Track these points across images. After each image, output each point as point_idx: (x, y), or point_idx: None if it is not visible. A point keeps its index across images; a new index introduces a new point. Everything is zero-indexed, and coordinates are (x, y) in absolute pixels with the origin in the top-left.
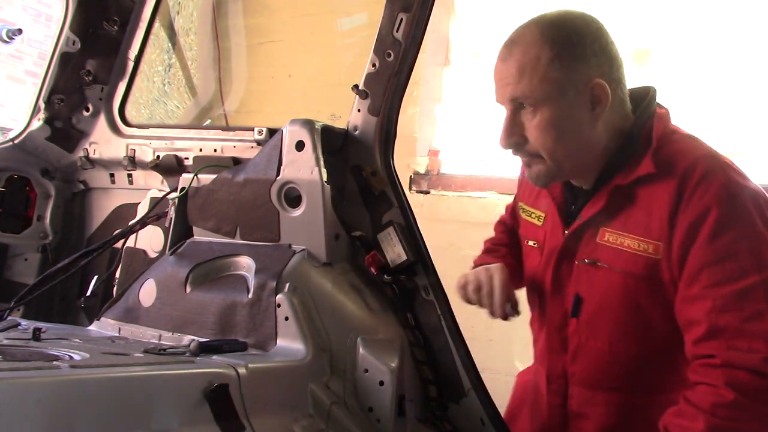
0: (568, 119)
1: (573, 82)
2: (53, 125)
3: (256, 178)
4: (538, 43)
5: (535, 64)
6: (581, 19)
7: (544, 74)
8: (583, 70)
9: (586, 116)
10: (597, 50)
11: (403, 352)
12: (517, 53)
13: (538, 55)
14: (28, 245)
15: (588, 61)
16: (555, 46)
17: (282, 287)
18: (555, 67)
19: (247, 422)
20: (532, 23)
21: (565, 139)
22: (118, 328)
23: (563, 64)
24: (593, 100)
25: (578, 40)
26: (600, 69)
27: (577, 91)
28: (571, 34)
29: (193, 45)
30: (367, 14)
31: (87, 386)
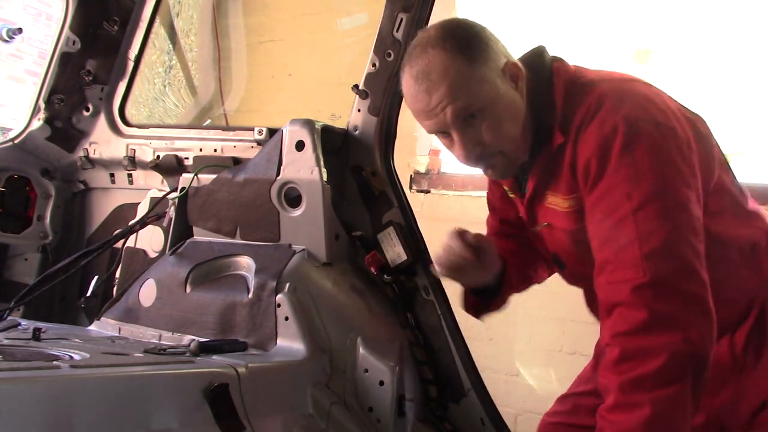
0: (508, 106)
1: (494, 71)
2: (53, 125)
3: (256, 178)
4: (448, 58)
5: (460, 75)
6: (457, 21)
7: (472, 78)
8: (493, 56)
9: (515, 96)
10: (490, 39)
11: (403, 352)
12: (437, 76)
13: (457, 67)
14: (28, 245)
15: (490, 48)
16: (463, 51)
17: (282, 287)
18: (475, 67)
19: (247, 422)
20: (426, 47)
21: (513, 124)
22: (118, 328)
23: (478, 60)
24: (512, 78)
25: (473, 35)
26: (502, 51)
27: (501, 77)
28: (465, 34)
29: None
30: (368, 14)
31: (87, 386)
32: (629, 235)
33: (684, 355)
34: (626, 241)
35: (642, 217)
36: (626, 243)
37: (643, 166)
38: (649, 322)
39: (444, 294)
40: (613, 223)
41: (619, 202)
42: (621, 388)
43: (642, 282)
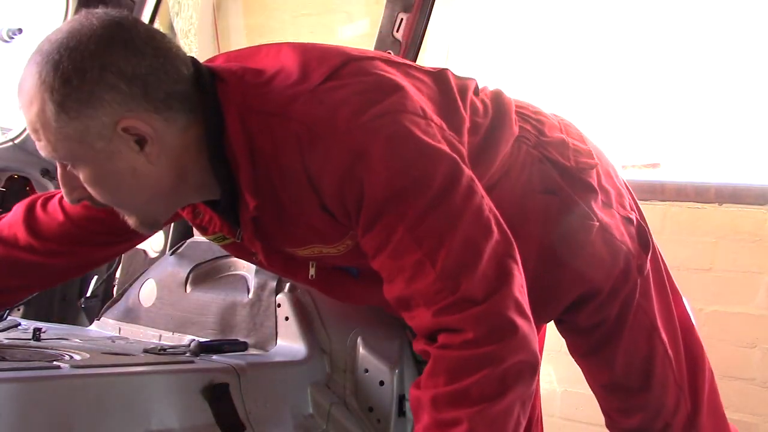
0: (112, 173)
1: (93, 133)
2: None
3: None
4: (39, 92)
5: (45, 121)
6: (85, 43)
7: (57, 132)
8: (100, 115)
9: (137, 161)
10: (113, 83)
11: (403, 352)
12: (25, 104)
13: (44, 109)
14: None
15: (102, 101)
16: (56, 94)
17: (282, 287)
18: (64, 121)
19: (247, 422)
20: (35, 56)
21: (124, 191)
22: (119, 328)
23: (71, 115)
24: (136, 140)
25: (81, 78)
26: (126, 103)
27: (106, 140)
28: (71, 74)
29: (192, 46)
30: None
31: (87, 386)
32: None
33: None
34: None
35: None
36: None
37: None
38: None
39: None
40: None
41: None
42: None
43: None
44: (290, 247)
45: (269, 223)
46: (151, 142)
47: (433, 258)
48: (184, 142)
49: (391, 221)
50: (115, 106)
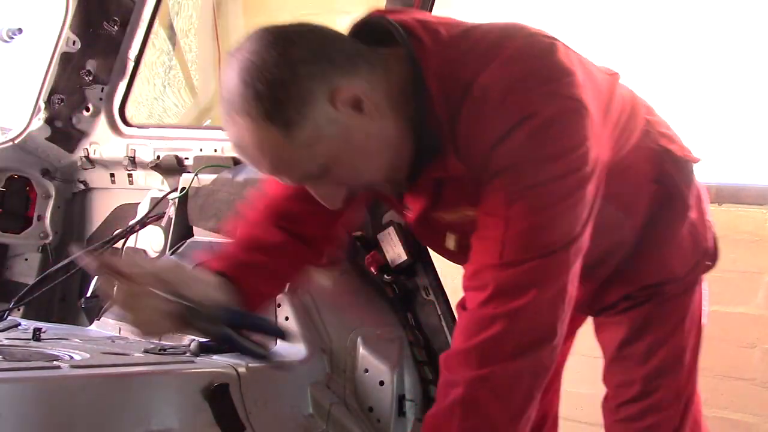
0: (355, 150)
1: (322, 120)
2: (53, 125)
3: (256, 178)
4: (259, 130)
5: (279, 150)
6: (263, 48)
7: (295, 149)
8: (315, 102)
9: (364, 124)
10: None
11: (403, 352)
12: (254, 153)
13: (272, 142)
14: (28, 245)
15: (307, 90)
16: (273, 119)
17: None
18: (295, 134)
19: (247, 422)
20: (231, 111)
21: (372, 159)
22: (119, 328)
23: (297, 123)
24: (354, 107)
25: (282, 85)
26: (325, 80)
27: (332, 121)
28: (272, 89)
29: (192, 46)
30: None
31: (87, 386)
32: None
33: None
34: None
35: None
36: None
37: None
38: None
39: (444, 294)
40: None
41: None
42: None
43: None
44: (444, 210)
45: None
46: (365, 100)
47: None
48: (389, 88)
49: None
50: (322, 88)
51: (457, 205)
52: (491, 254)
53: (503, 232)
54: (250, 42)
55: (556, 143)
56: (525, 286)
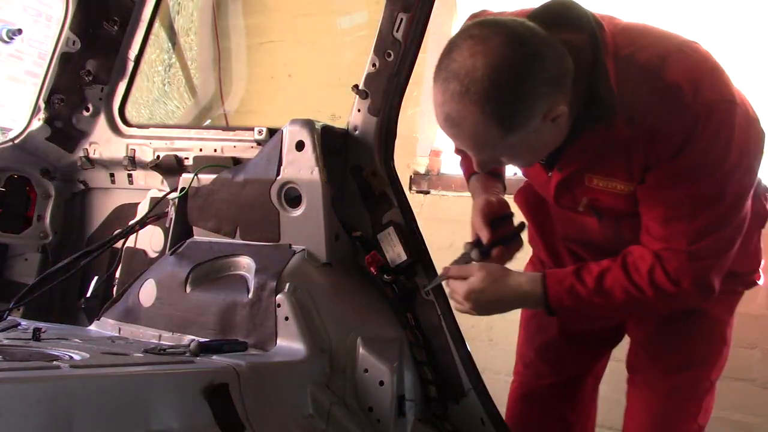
0: (535, 148)
1: (530, 130)
2: (53, 125)
3: (256, 178)
4: (483, 123)
5: (491, 141)
6: (519, 59)
7: (504, 146)
8: (536, 117)
9: (552, 132)
10: (541, 91)
11: (403, 352)
12: (467, 132)
13: (491, 135)
14: (28, 245)
15: (537, 108)
16: (501, 121)
17: (282, 287)
18: (510, 137)
19: (247, 422)
20: (464, 94)
21: (538, 155)
22: (118, 328)
23: (516, 130)
24: (553, 121)
25: (520, 98)
26: (549, 101)
27: (536, 131)
28: (512, 96)
29: (193, 45)
30: (367, 13)
31: (87, 386)
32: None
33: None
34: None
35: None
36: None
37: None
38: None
39: (444, 294)
40: (673, 216)
41: (681, 202)
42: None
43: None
44: (596, 173)
45: (602, 144)
46: (562, 115)
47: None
48: (575, 89)
49: (682, 181)
50: (543, 107)
51: (613, 168)
52: (679, 240)
53: (690, 223)
54: (500, 38)
55: (729, 143)
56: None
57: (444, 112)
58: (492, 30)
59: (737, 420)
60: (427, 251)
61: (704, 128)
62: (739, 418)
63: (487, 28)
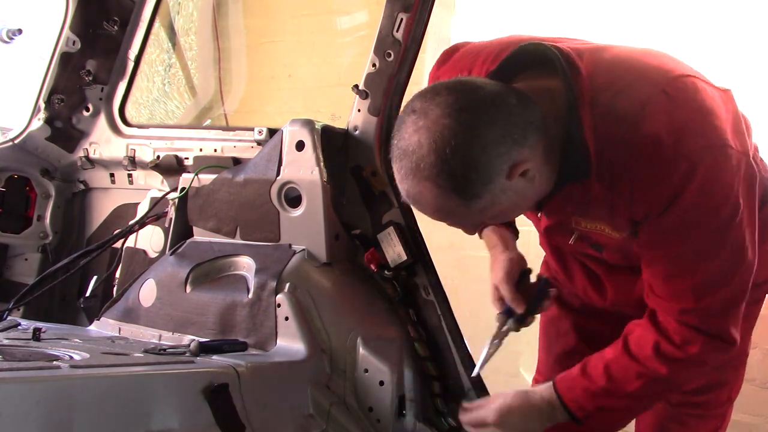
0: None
1: (496, 192)
2: (53, 125)
3: (256, 178)
4: (442, 197)
5: (457, 213)
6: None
7: (470, 214)
8: (497, 179)
9: (524, 188)
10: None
11: (404, 351)
12: (430, 209)
13: (452, 206)
14: (28, 245)
15: (495, 170)
16: (459, 191)
17: (282, 287)
18: (474, 204)
19: (247, 422)
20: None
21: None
22: (118, 328)
23: (479, 196)
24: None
25: (472, 164)
26: (509, 158)
27: (505, 191)
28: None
29: (193, 45)
30: (367, 12)
31: (87, 386)
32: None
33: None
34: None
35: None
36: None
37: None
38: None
39: (444, 294)
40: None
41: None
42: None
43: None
44: (582, 218)
45: (582, 198)
46: (531, 168)
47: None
48: (547, 144)
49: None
50: (504, 166)
51: (598, 218)
52: (685, 298)
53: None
54: (440, 109)
55: (719, 193)
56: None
57: (404, 190)
58: (432, 102)
59: (737, 420)
60: (427, 251)
61: (689, 182)
62: (739, 418)
63: (426, 101)
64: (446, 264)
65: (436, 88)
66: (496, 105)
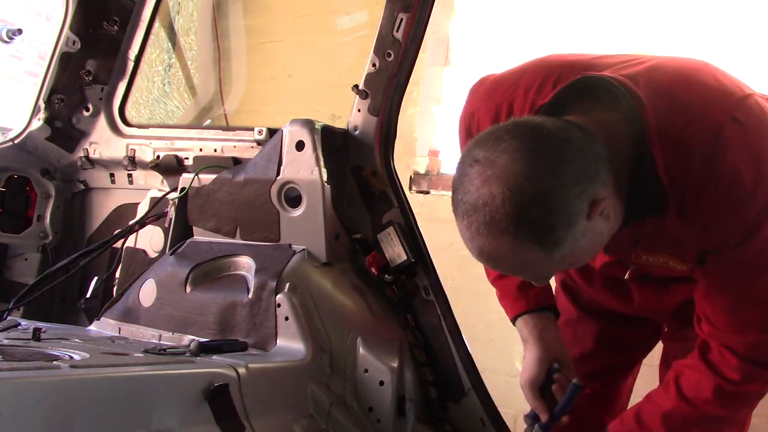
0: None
1: (577, 236)
2: (53, 125)
3: (256, 178)
4: (521, 249)
5: (537, 265)
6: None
7: (551, 263)
8: (579, 221)
9: (601, 227)
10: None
11: (403, 352)
12: (508, 265)
13: (532, 258)
14: (28, 245)
15: (575, 212)
16: (540, 241)
17: (282, 287)
18: (556, 252)
19: (247, 422)
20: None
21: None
22: (118, 328)
23: (560, 245)
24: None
25: (553, 211)
26: (586, 197)
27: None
28: (543, 213)
29: (193, 45)
30: (367, 12)
31: (87, 386)
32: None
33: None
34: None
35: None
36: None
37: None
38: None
39: (444, 294)
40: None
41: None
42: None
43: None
44: (645, 252)
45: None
46: (607, 207)
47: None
48: (617, 177)
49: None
50: (583, 206)
51: (663, 251)
52: (752, 329)
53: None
54: (508, 156)
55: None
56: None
57: (477, 248)
58: (497, 149)
59: None
60: (427, 251)
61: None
62: None
63: (489, 148)
64: (446, 264)
65: (497, 133)
66: (564, 141)
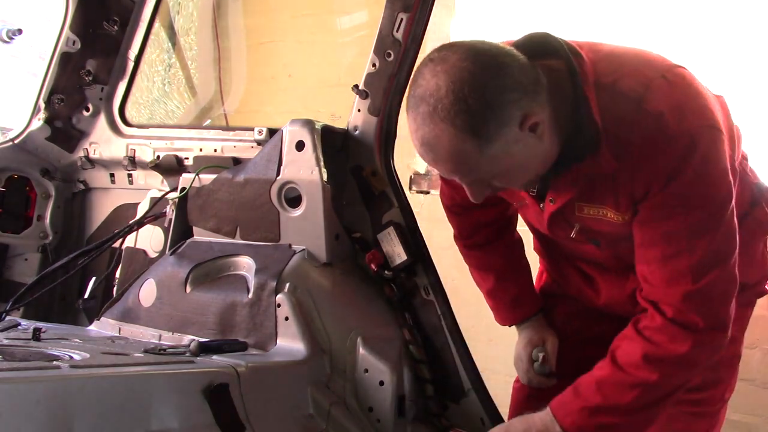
0: (528, 160)
1: (510, 139)
2: (53, 125)
3: (256, 178)
4: (457, 139)
5: (471, 158)
6: (478, 69)
7: (483, 160)
8: (511, 125)
9: (535, 145)
10: (510, 96)
11: (403, 352)
12: (444, 154)
13: (467, 150)
14: (28, 245)
15: (509, 114)
16: (475, 131)
17: (282, 287)
18: (488, 148)
19: (247, 422)
20: (433, 114)
21: (533, 169)
22: (118, 328)
23: (493, 139)
24: (532, 129)
25: (489, 103)
26: (521, 106)
27: (519, 139)
28: (480, 104)
29: (193, 45)
30: (367, 12)
31: (87, 386)
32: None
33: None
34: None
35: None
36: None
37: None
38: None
39: (444, 294)
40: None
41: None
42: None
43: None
44: (587, 203)
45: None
46: (541, 123)
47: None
48: (554, 107)
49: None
50: (517, 113)
51: (601, 201)
52: (683, 280)
53: (689, 258)
54: (458, 55)
55: (716, 173)
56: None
57: (419, 137)
58: (449, 50)
59: (737, 420)
60: (427, 251)
61: (690, 157)
62: (739, 418)
63: (444, 50)
64: (447, 264)
65: (453, 42)
66: (510, 56)
